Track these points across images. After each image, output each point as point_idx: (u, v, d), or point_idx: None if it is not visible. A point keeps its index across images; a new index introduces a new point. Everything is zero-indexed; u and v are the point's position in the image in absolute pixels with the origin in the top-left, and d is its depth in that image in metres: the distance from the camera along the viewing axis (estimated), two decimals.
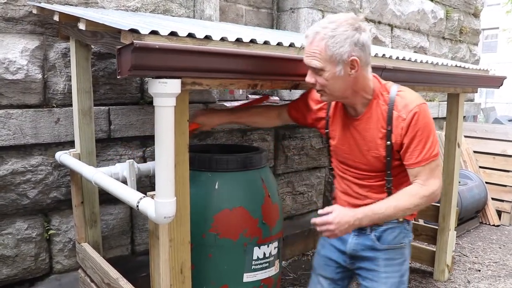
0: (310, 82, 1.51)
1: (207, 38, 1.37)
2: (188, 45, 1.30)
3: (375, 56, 1.96)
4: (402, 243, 1.71)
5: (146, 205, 1.35)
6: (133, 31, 1.21)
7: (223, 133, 2.92)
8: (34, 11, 2.07)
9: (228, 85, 1.52)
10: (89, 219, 2.16)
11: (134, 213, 2.59)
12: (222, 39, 1.41)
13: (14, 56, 2.08)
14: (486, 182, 4.55)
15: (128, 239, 2.60)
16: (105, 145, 2.40)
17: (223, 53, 1.36)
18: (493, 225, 4.52)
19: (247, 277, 1.97)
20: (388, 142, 1.56)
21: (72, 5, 2.21)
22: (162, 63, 1.20)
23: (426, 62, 2.38)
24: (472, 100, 5.96)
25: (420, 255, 3.26)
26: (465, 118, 6.17)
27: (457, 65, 2.77)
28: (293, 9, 3.48)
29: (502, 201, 4.59)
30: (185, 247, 1.51)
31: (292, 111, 1.94)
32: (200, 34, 1.34)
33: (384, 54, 2.04)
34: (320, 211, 1.49)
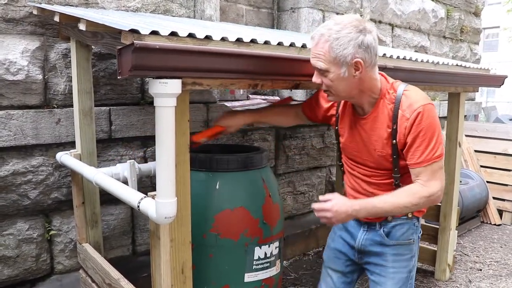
0: (317, 83, 1.55)
1: (208, 38, 1.37)
2: (189, 45, 1.30)
3: None
4: (411, 239, 1.74)
5: (147, 206, 1.35)
6: (134, 32, 1.21)
7: None
8: (35, 12, 2.07)
9: (229, 85, 1.52)
10: (90, 220, 2.16)
11: (135, 214, 2.59)
12: (223, 39, 1.41)
13: (15, 57, 2.08)
14: (487, 181, 4.54)
15: (129, 240, 2.60)
16: (106, 146, 2.40)
17: (224, 53, 1.36)
18: (494, 224, 4.51)
19: (248, 277, 1.97)
20: (394, 141, 1.57)
21: (73, 6, 2.21)
22: (163, 63, 1.20)
23: (427, 62, 2.38)
24: (473, 99, 5.95)
25: (421, 255, 3.21)
26: (466, 117, 6.16)
27: (458, 64, 2.77)
28: (294, 9, 3.48)
29: (503, 200, 4.59)
30: (186, 247, 1.51)
31: (306, 110, 1.98)
32: (201, 34, 1.34)
33: (385, 54, 2.04)
34: (321, 197, 1.53)
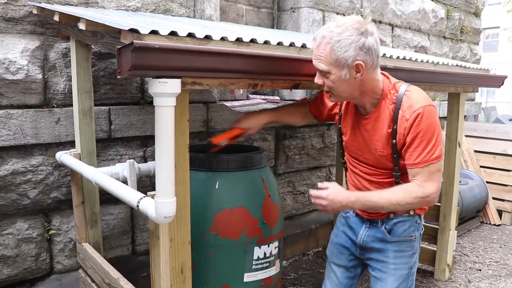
0: (319, 83, 1.56)
1: (207, 38, 1.37)
2: (188, 45, 1.30)
3: None
4: (412, 236, 1.75)
5: (147, 205, 1.35)
6: (133, 31, 1.21)
7: None
8: (34, 11, 2.07)
9: (229, 85, 1.52)
10: (90, 219, 2.16)
11: (135, 213, 2.59)
12: (222, 39, 1.41)
13: (15, 56, 2.08)
14: (487, 182, 4.54)
15: (129, 239, 2.60)
16: (106, 145, 2.40)
17: (223, 53, 1.36)
18: (494, 225, 4.51)
19: (248, 277, 1.97)
20: (394, 141, 1.58)
21: (72, 5, 2.21)
22: (162, 63, 1.20)
23: (427, 62, 2.38)
24: (473, 100, 5.96)
25: (421, 255, 3.17)
26: (466, 118, 6.16)
27: (458, 65, 2.77)
28: (294, 9, 3.48)
29: (503, 201, 4.58)
30: (186, 247, 1.51)
31: (312, 109, 2.01)
32: (200, 34, 1.34)
33: (385, 54, 2.04)
34: (320, 184, 1.56)
